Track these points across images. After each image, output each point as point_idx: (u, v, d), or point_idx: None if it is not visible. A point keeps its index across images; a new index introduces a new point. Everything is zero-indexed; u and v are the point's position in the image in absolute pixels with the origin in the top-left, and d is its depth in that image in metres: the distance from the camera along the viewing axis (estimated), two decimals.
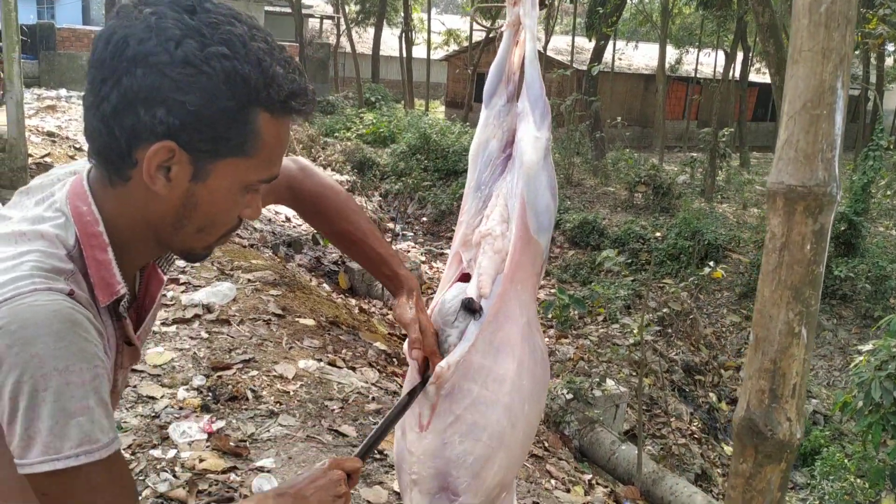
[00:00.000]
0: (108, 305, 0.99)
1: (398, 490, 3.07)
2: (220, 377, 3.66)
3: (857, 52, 14.16)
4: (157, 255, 1.11)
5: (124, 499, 0.94)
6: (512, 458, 1.48)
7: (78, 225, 0.96)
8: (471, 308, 1.44)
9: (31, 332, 0.85)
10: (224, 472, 2.93)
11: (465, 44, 28.47)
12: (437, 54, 33.09)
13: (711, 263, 6.09)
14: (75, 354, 0.87)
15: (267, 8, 25.02)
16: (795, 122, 1.03)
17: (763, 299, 1.06)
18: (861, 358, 5.49)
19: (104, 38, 0.92)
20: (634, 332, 5.63)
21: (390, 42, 33.03)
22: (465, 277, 1.56)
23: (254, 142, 0.97)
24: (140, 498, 2.70)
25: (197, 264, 5.78)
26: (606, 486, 5.25)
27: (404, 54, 25.52)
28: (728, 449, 8.14)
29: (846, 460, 6.34)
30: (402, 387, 4.57)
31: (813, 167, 1.01)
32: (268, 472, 2.97)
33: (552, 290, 8.19)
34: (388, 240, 10.35)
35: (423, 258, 11.82)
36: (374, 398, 4.00)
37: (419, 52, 30.99)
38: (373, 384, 4.25)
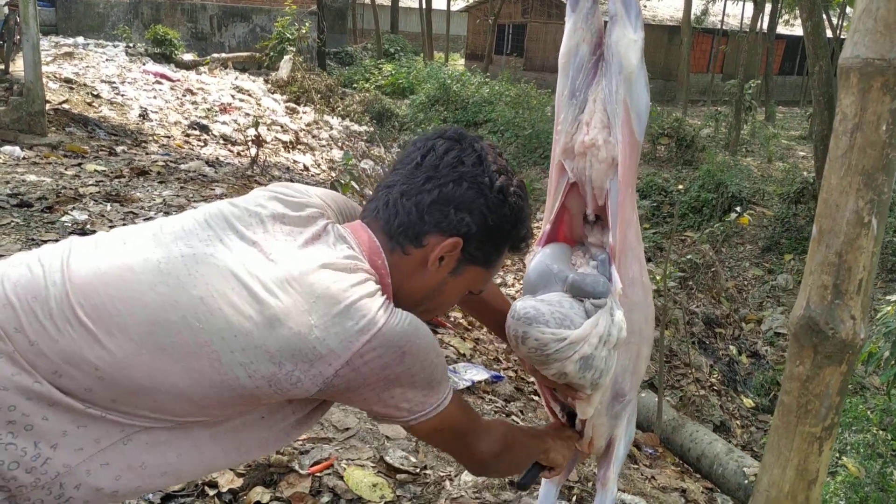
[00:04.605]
0: None
1: None
2: None
3: None
4: None
5: (469, 409, 1.33)
6: (650, 346, 1.66)
7: (375, 270, 1.18)
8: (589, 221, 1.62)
9: (413, 324, 1.14)
10: None
11: None
12: (458, 5, 32.52)
13: (738, 209, 5.94)
14: (435, 341, 1.20)
15: None
16: None
17: (829, 188, 0.97)
18: (889, 308, 5.37)
19: (441, 153, 1.22)
20: (658, 279, 5.53)
21: None
22: (574, 186, 1.62)
23: (496, 261, 1.29)
24: None
25: None
26: None
27: (424, 5, 25.07)
28: (748, 401, 8.09)
29: (868, 413, 6.27)
30: None
31: (894, 38, 0.91)
32: None
33: None
34: None
35: None
36: None
37: (439, 3, 30.45)
38: None
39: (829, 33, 11.18)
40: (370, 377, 1.10)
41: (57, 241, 4.35)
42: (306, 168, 10.24)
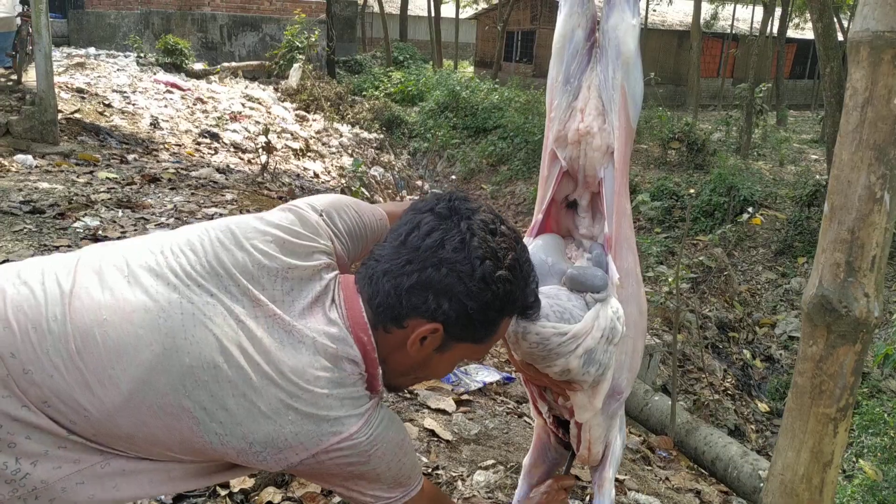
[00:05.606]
0: None
1: (428, 427, 3.03)
2: None
3: None
4: None
5: (441, 497, 1.44)
6: (644, 339, 1.62)
7: (359, 347, 1.18)
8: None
9: (386, 428, 1.20)
10: None
11: (495, 1, 27.99)
12: (466, 13, 32.62)
13: (750, 209, 5.89)
14: (405, 432, 1.26)
15: None
16: None
17: (841, 163, 0.95)
18: None
19: (424, 232, 1.17)
20: (670, 280, 5.49)
21: (418, 1, 32.64)
22: (566, 176, 1.58)
23: (490, 336, 1.24)
24: None
25: (225, 212, 5.75)
26: (640, 436, 5.18)
27: (433, 13, 25.15)
28: (763, 406, 8.02)
29: (886, 416, 6.19)
30: None
31: None
32: None
33: None
34: (418, 198, 10.35)
35: None
36: None
37: (448, 10, 30.55)
38: None
39: (839, 36, 11.13)
40: (334, 469, 1.16)
41: (69, 247, 4.35)
42: (316, 175, 10.26)
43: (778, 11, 20.37)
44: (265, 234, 1.22)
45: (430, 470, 2.69)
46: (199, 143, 9.64)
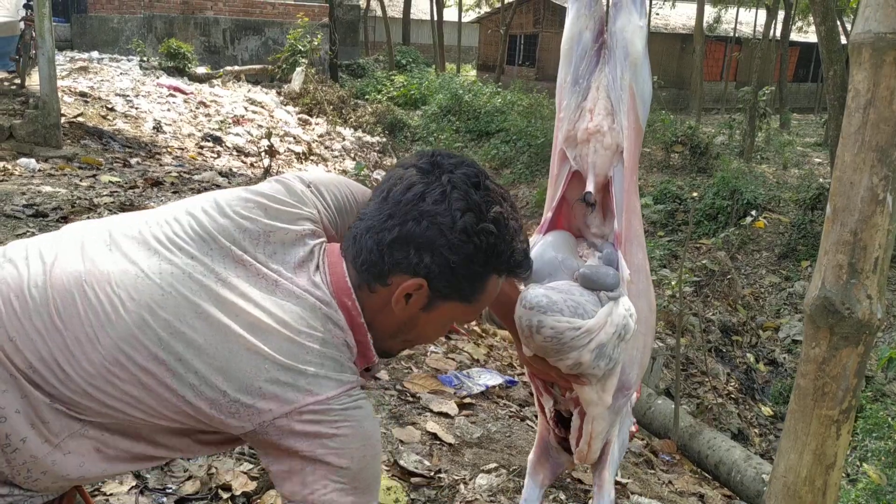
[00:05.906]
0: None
1: (430, 430, 3.03)
2: None
3: None
4: None
5: None
6: (654, 335, 1.61)
7: (344, 313, 1.17)
8: (589, 202, 1.54)
9: (365, 414, 1.15)
10: None
11: (498, 4, 28.05)
12: (469, 16, 32.67)
13: (753, 212, 5.88)
14: (379, 437, 1.19)
15: None
16: None
17: (843, 165, 0.95)
18: None
19: (405, 185, 1.16)
20: (673, 284, 5.49)
21: (421, 5, 32.69)
22: (576, 175, 1.59)
23: (478, 295, 1.21)
24: None
25: None
26: (643, 440, 5.18)
27: (435, 17, 25.19)
28: (766, 410, 8.01)
29: (889, 419, 6.18)
30: None
31: None
32: None
33: None
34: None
35: None
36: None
37: (450, 14, 30.61)
38: None
39: (843, 39, 11.14)
40: (301, 441, 1.10)
41: None
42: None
43: (781, 15, 20.37)
44: (248, 202, 1.22)
45: (432, 473, 2.68)
46: (201, 147, 9.66)
